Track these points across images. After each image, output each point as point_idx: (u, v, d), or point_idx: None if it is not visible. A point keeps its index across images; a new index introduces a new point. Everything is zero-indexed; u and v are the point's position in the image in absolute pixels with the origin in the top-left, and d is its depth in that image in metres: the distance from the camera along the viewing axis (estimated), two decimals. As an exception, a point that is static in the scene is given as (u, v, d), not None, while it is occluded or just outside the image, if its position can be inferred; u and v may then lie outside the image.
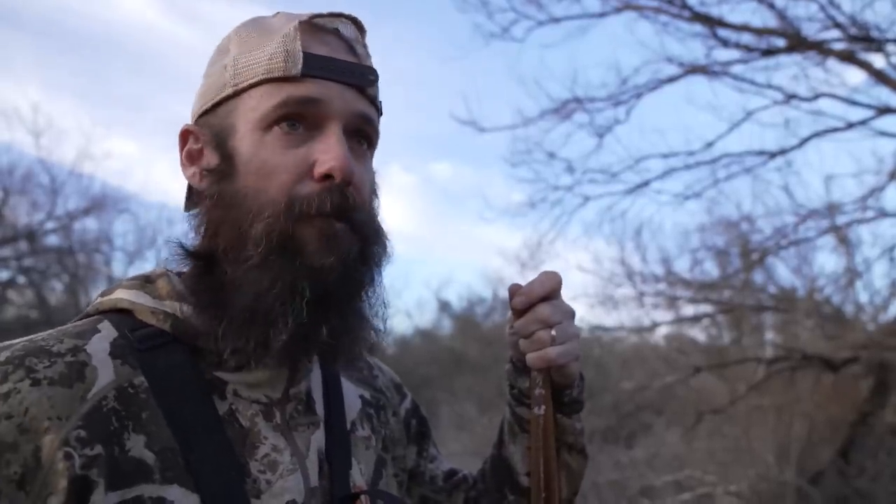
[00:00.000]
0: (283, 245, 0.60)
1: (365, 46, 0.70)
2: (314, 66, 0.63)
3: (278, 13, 0.70)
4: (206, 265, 0.64)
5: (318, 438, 0.69)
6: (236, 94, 0.65)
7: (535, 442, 0.76)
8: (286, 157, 0.62)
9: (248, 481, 0.61)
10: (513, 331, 0.77)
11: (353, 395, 0.79)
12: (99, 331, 0.62)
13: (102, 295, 0.68)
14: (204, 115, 0.68)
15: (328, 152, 0.62)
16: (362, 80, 0.66)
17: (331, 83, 0.64)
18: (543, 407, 0.76)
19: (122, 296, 0.66)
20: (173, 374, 0.62)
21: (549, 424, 0.76)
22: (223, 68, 0.67)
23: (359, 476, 0.72)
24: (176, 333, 0.64)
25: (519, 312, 0.75)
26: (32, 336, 0.61)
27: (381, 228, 0.68)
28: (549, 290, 0.74)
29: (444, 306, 17.74)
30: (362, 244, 0.65)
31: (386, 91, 0.72)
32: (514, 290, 0.75)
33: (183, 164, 0.69)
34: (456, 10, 7.25)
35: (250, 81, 0.64)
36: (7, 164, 12.15)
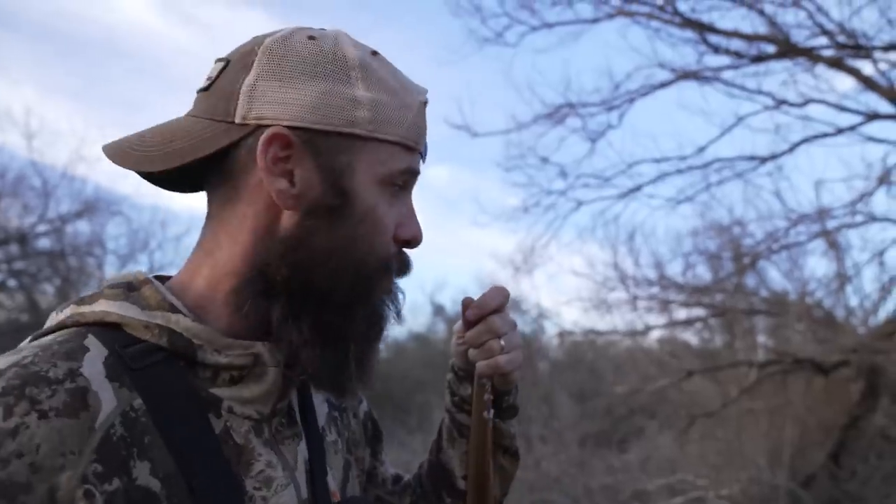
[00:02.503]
0: (369, 296, 0.67)
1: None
2: (424, 146, 0.71)
3: (378, 54, 0.69)
4: (278, 294, 0.63)
5: (303, 450, 0.70)
6: (367, 139, 0.64)
7: (477, 445, 0.81)
8: (390, 216, 0.67)
9: (245, 500, 0.61)
10: (461, 341, 0.81)
11: (319, 399, 0.80)
12: (87, 348, 0.58)
13: (79, 303, 0.63)
14: (304, 129, 0.62)
15: (412, 221, 0.70)
16: (425, 159, 0.73)
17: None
18: (492, 411, 0.81)
19: (107, 309, 0.61)
20: (170, 394, 0.59)
21: (488, 430, 0.81)
22: (352, 101, 0.63)
23: (332, 482, 0.73)
24: (172, 349, 0.60)
25: (470, 324, 0.79)
26: (13, 357, 0.56)
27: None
28: (499, 304, 0.78)
29: (439, 310, 17.73)
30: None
31: None
32: (468, 302, 0.79)
33: (270, 170, 0.62)
34: (450, 14, 7.26)
35: (388, 138, 0.65)
36: (-2, 167, 12.07)
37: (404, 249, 0.70)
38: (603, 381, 7.98)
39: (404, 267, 0.70)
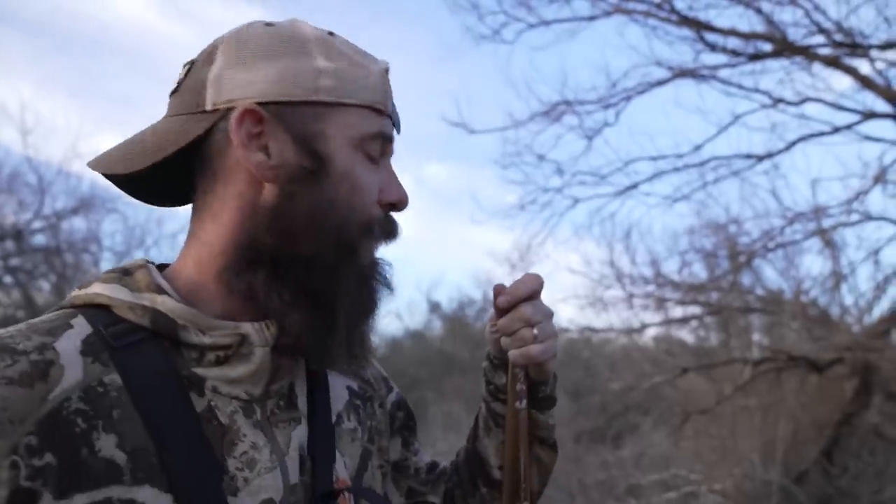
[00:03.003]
0: (354, 260, 0.67)
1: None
2: (393, 110, 0.72)
3: (367, 57, 0.72)
4: (275, 266, 0.64)
5: (299, 434, 0.69)
6: (334, 105, 0.66)
7: (511, 436, 0.79)
8: (370, 181, 0.68)
9: (226, 479, 0.61)
10: (495, 329, 0.79)
11: (339, 386, 0.80)
12: (72, 326, 0.60)
13: (80, 288, 0.66)
14: (276, 104, 0.64)
15: (395, 184, 0.71)
16: (398, 129, 0.75)
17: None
18: (525, 401, 0.79)
19: (98, 290, 0.64)
20: (149, 371, 0.60)
21: (524, 420, 0.79)
22: (314, 71, 0.65)
23: (343, 470, 0.73)
24: (155, 328, 0.62)
25: (502, 311, 0.77)
26: (2, 331, 0.59)
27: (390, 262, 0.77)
28: (531, 291, 0.76)
29: (435, 307, 17.74)
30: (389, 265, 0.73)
31: None
32: (499, 289, 0.77)
33: (245, 145, 0.64)
34: (447, 11, 7.27)
35: (354, 101, 0.67)
36: (-6, 163, 12.03)
37: (391, 214, 0.71)
38: (598, 378, 8.01)
39: (391, 230, 0.71)
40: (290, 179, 0.64)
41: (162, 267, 0.70)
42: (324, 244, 0.65)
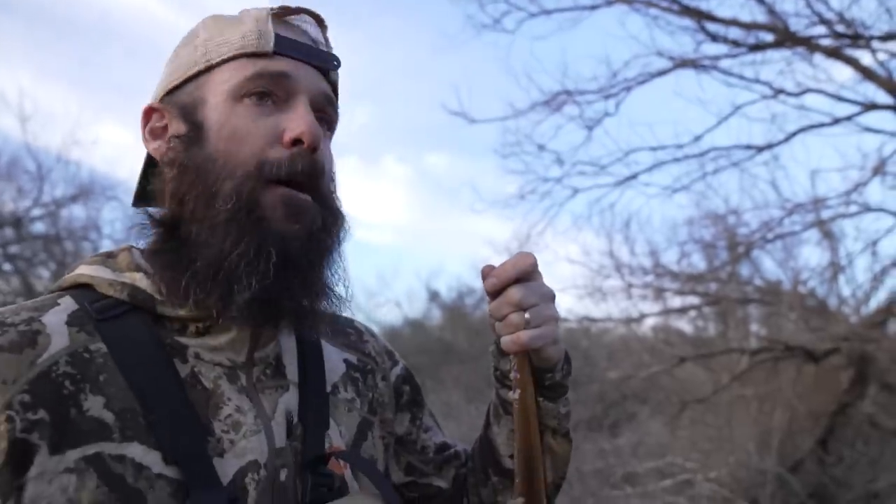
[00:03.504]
0: (251, 207, 0.64)
1: (327, 40, 0.75)
2: (285, 46, 0.69)
3: (243, 10, 0.74)
4: (170, 230, 0.67)
5: (286, 400, 0.70)
6: (208, 69, 0.69)
7: (519, 425, 0.74)
8: (257, 125, 0.67)
9: (212, 440, 0.63)
10: (488, 313, 0.74)
11: (336, 358, 0.81)
12: (58, 304, 0.65)
13: (68, 272, 0.70)
14: (169, 93, 0.71)
15: (298, 120, 0.67)
16: (327, 62, 0.72)
17: (298, 63, 0.69)
18: (518, 391, 0.74)
19: (82, 271, 0.68)
20: (132, 339, 0.63)
21: (527, 408, 0.74)
22: (193, 49, 0.71)
23: (338, 438, 0.73)
24: (134, 302, 0.66)
25: (492, 294, 0.72)
26: None
27: (339, 202, 0.73)
28: (521, 271, 0.70)
29: (434, 296, 17.77)
30: (325, 215, 0.69)
31: (382, 82, 0.79)
32: (487, 271, 0.72)
33: (146, 140, 0.72)
34: (448, 0, 7.22)
35: (223, 57, 0.69)
36: (-8, 150, 11.99)
37: (308, 152, 0.67)
38: (596, 367, 8.04)
39: (297, 167, 0.66)
40: (178, 151, 0.68)
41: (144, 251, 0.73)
42: (210, 202, 0.64)
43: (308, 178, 0.67)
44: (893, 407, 6.13)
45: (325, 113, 0.72)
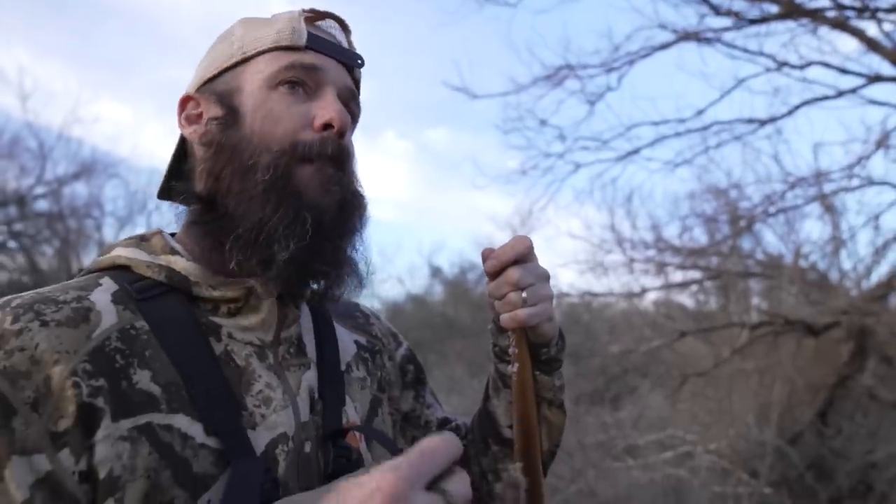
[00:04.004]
0: (287, 180, 0.69)
1: (350, 43, 0.81)
2: (316, 42, 0.75)
3: (275, 13, 0.79)
4: (209, 205, 0.71)
5: (308, 378, 0.75)
6: (243, 61, 0.75)
7: (516, 397, 0.79)
8: (290, 110, 0.72)
9: (245, 414, 0.67)
10: (488, 293, 0.80)
11: (348, 339, 0.85)
12: (100, 284, 0.69)
13: (100, 254, 0.74)
14: (206, 84, 0.76)
15: (327, 107, 0.73)
16: (353, 60, 0.79)
17: (328, 58, 0.76)
18: (517, 365, 0.79)
19: (119, 253, 0.72)
20: (171, 319, 0.67)
21: (525, 382, 0.79)
22: (229, 44, 0.76)
23: (353, 413, 0.78)
24: (171, 284, 0.69)
25: (492, 275, 0.77)
26: (39, 289, 0.67)
27: (363, 192, 0.77)
28: (519, 254, 0.76)
29: (436, 272, 17.83)
30: (353, 194, 0.74)
31: (382, 57, 0.84)
32: (486, 254, 0.78)
33: (182, 125, 0.77)
34: (449, -28, 7.11)
35: (258, 49, 0.74)
36: (-7, 128, 11.92)
37: (331, 135, 0.72)
38: (598, 341, 8.11)
39: (328, 150, 0.71)
40: (214, 132, 0.73)
41: (174, 235, 0.77)
42: (247, 176, 0.69)
43: (336, 160, 0.72)
44: (892, 380, 6.18)
45: (349, 107, 0.77)
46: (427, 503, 0.47)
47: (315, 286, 0.74)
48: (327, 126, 0.72)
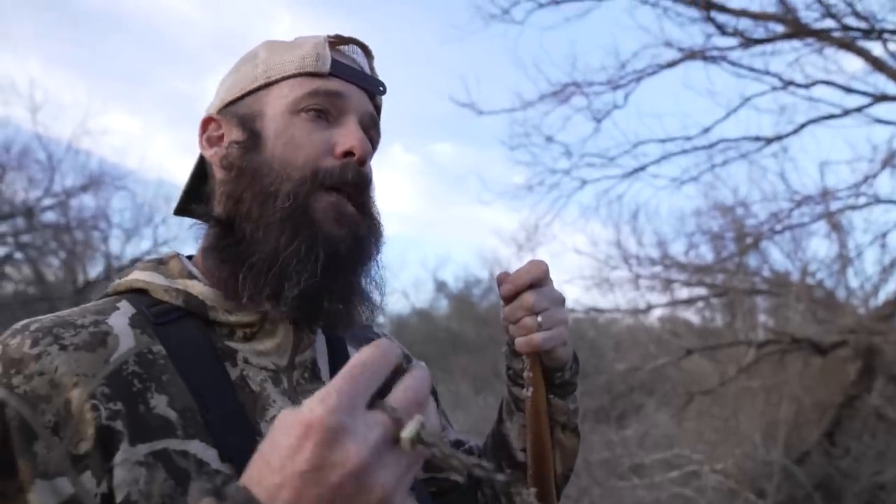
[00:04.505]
0: (305, 209, 0.69)
1: (373, 69, 0.81)
2: (339, 68, 0.75)
3: (299, 37, 0.80)
4: (227, 229, 0.71)
5: None
6: (267, 85, 0.75)
7: (530, 421, 0.80)
8: (312, 137, 0.72)
9: (260, 440, 0.66)
10: (503, 317, 0.81)
11: None
12: (118, 308, 0.69)
13: (119, 277, 0.75)
14: (228, 106, 0.77)
15: (349, 135, 0.73)
16: (375, 87, 0.79)
17: (351, 85, 0.76)
18: (531, 389, 0.79)
19: (137, 276, 0.72)
20: (188, 343, 0.68)
21: (539, 405, 0.79)
22: (253, 67, 0.77)
23: None
24: (188, 308, 0.70)
25: (507, 299, 0.78)
26: (58, 312, 0.68)
27: (380, 220, 0.77)
28: (535, 278, 0.77)
29: (441, 286, 17.82)
30: (369, 225, 0.74)
31: (390, 70, 0.84)
32: (502, 278, 0.78)
33: (203, 147, 0.77)
34: (456, -10, 7.19)
35: (283, 74, 0.74)
36: (3, 140, 12.04)
37: (352, 163, 0.72)
38: (603, 358, 8.07)
39: (349, 177, 0.71)
40: (235, 156, 0.73)
41: (191, 257, 0.78)
42: (267, 202, 0.70)
43: (356, 187, 0.72)
44: (901, 399, 6.12)
45: (370, 134, 0.77)
46: (370, 424, 0.41)
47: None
48: (348, 153, 0.72)
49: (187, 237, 0.79)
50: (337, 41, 0.78)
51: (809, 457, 6.27)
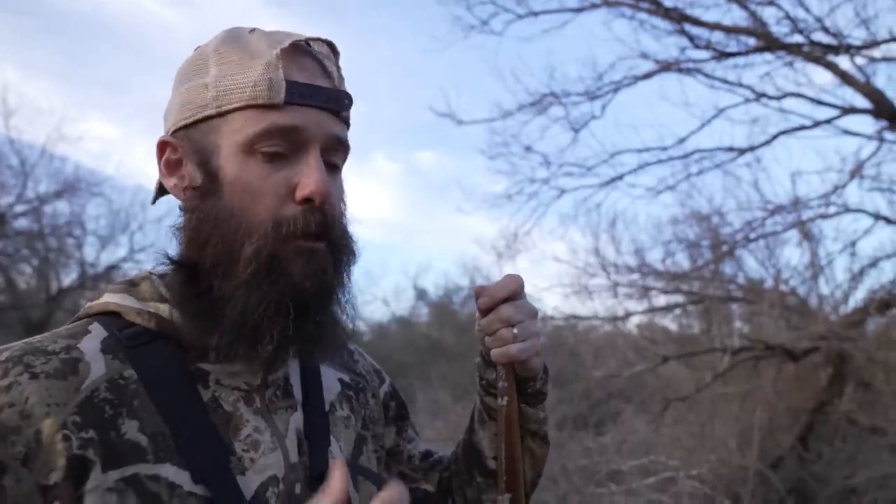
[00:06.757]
0: (270, 266, 0.66)
1: (339, 69, 0.74)
2: (296, 94, 0.68)
3: (255, 30, 0.73)
4: (191, 274, 0.69)
5: (296, 419, 0.75)
6: (219, 115, 0.69)
7: (501, 429, 0.82)
8: (269, 181, 0.68)
9: (234, 459, 0.67)
10: (479, 328, 0.83)
11: (332, 378, 0.86)
12: (90, 332, 0.69)
13: (92, 300, 0.74)
14: (182, 128, 0.72)
15: (309, 176, 0.68)
16: (339, 105, 0.72)
17: (310, 109, 0.69)
18: (506, 398, 0.81)
19: (109, 299, 0.72)
20: (160, 367, 0.68)
21: (513, 414, 0.82)
22: (203, 87, 0.69)
23: (338, 452, 0.79)
24: (160, 331, 0.70)
25: (484, 312, 0.80)
26: (29, 339, 0.67)
27: (351, 236, 0.75)
28: (511, 292, 0.79)
29: (422, 294, 17.79)
30: (337, 257, 0.71)
31: (372, 80, 0.81)
32: (479, 291, 0.80)
33: (163, 174, 0.73)
34: (436, 1, 7.25)
35: (234, 105, 0.68)
36: (-26, 145, 11.80)
37: (314, 207, 0.68)
38: (582, 365, 8.12)
39: (312, 226, 0.68)
40: (194, 196, 0.70)
41: (163, 276, 0.75)
42: (231, 254, 0.67)
43: (321, 230, 0.69)
44: (870, 405, 6.26)
45: (334, 159, 0.73)
46: None
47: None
48: (309, 200, 0.68)
49: (163, 244, 0.76)
50: (294, 51, 0.70)
51: (783, 462, 6.37)
